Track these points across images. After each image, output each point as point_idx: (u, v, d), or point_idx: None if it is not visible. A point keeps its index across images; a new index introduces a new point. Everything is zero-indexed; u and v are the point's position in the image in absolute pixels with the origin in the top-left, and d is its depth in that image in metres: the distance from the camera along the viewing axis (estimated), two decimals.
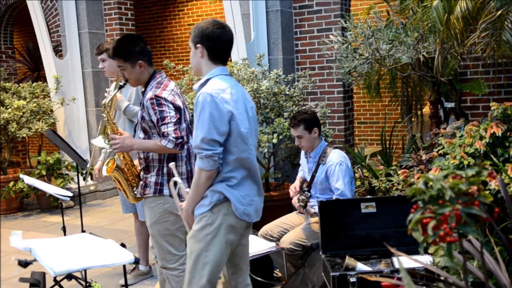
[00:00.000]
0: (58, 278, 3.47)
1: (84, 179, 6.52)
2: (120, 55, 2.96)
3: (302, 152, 3.99)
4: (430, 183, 1.38)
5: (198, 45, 2.51)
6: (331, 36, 4.43)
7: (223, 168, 2.48)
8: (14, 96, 6.78)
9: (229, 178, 2.49)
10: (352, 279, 3.01)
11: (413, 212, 1.35)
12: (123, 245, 3.06)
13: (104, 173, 3.16)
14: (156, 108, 2.85)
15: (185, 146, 2.95)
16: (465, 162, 3.27)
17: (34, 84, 7.04)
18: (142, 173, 3.05)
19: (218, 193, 2.48)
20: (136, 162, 3.19)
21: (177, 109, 2.92)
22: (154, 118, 2.87)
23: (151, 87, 2.96)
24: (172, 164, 2.83)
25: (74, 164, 5.70)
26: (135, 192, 3.14)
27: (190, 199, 2.54)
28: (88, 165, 4.37)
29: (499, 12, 3.46)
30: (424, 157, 3.86)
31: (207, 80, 2.51)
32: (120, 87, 3.12)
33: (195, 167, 2.49)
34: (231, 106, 2.44)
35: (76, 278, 3.64)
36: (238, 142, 2.47)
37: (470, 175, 1.36)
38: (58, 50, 7.46)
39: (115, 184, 3.23)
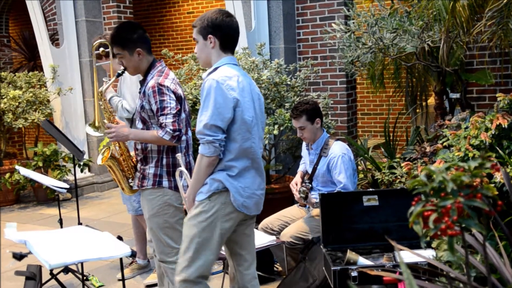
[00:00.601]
0: (55, 271, 3.42)
1: (82, 170, 6.45)
2: (118, 42, 2.90)
3: (304, 144, 3.91)
4: (433, 175, 1.33)
5: (210, 36, 2.50)
6: (333, 24, 4.33)
7: (225, 155, 2.47)
8: (10, 85, 6.68)
9: (230, 167, 2.47)
10: (353, 274, 2.96)
11: (414, 204, 1.32)
12: (120, 238, 3.01)
13: (99, 162, 3.10)
14: (158, 97, 2.79)
15: (183, 138, 2.89)
16: (470, 154, 3.20)
17: (30, 73, 6.94)
18: (139, 164, 2.98)
19: (218, 182, 2.47)
20: (132, 153, 3.12)
21: (178, 98, 2.86)
22: (154, 107, 2.80)
23: (151, 75, 2.90)
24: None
25: (71, 155, 5.63)
26: (131, 184, 3.07)
27: (191, 186, 2.54)
28: (84, 156, 4.30)
29: (506, 0, 3.36)
30: (428, 149, 3.78)
31: (216, 68, 2.51)
32: (119, 75, 3.05)
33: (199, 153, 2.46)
34: (236, 93, 2.43)
35: (73, 272, 3.59)
36: (242, 130, 2.46)
37: (473, 167, 1.33)
38: (54, 39, 7.35)
39: (111, 175, 3.16)
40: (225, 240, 2.57)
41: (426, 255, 2.69)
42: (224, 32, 2.51)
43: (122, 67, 2.98)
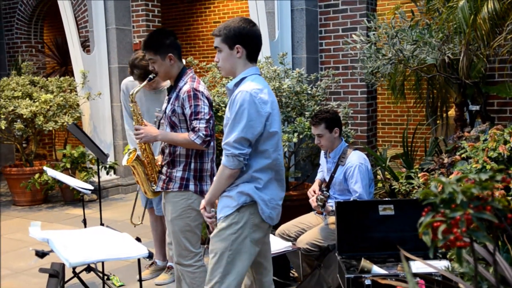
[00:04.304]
0: (77, 270, 3.54)
1: (108, 173, 6.61)
2: (151, 47, 2.97)
3: (322, 152, 3.96)
4: (443, 186, 1.36)
5: (238, 46, 2.45)
6: (354, 35, 4.38)
7: (251, 167, 2.45)
8: (42, 90, 6.92)
9: (256, 179, 2.46)
10: (367, 282, 2.97)
11: (424, 215, 1.34)
12: (138, 239, 3.10)
13: (124, 162, 3.19)
14: (193, 101, 2.85)
15: (211, 144, 2.95)
16: (488, 167, 3.20)
17: (62, 78, 7.18)
18: (165, 168, 3.04)
19: (246, 195, 2.45)
20: (157, 157, 3.20)
21: (210, 105, 2.94)
22: (188, 111, 2.87)
23: (183, 81, 2.96)
24: None
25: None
26: (153, 187, 3.16)
27: (210, 192, 2.54)
28: (110, 159, 4.44)
29: None
30: (446, 160, 3.79)
31: (243, 78, 2.47)
32: (150, 80, 3.14)
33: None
34: (268, 106, 2.42)
35: (95, 271, 3.70)
36: (270, 143, 2.46)
37: (483, 179, 1.34)
38: (85, 45, 7.58)
39: (134, 177, 3.26)
40: (256, 252, 2.54)
41: (440, 265, 2.70)
42: (252, 42, 2.48)
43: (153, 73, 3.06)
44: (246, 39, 2.45)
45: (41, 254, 2.68)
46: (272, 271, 2.77)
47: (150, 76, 3.10)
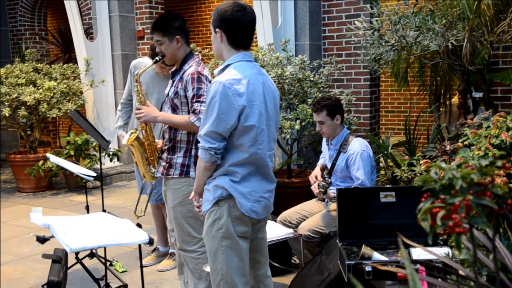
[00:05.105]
0: (80, 256, 3.57)
1: (111, 160, 6.64)
2: (159, 28, 2.97)
3: (324, 139, 3.96)
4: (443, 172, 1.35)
5: (217, 29, 2.39)
6: (356, 22, 4.35)
7: (226, 160, 2.39)
8: (46, 77, 6.94)
9: (233, 173, 2.39)
10: (368, 268, 2.98)
11: (423, 201, 1.33)
12: (139, 225, 3.11)
13: (124, 142, 3.19)
14: (196, 84, 2.86)
15: None
16: (490, 154, 3.19)
17: (65, 65, 7.19)
18: (165, 154, 3.05)
19: (221, 189, 2.39)
20: (158, 141, 3.20)
21: None
22: (190, 94, 2.88)
23: (189, 65, 2.97)
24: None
25: None
26: (152, 171, 3.16)
27: (195, 182, 2.53)
28: (112, 146, 4.45)
29: None
30: (448, 147, 3.77)
31: (227, 66, 2.39)
32: (156, 62, 3.14)
33: None
34: (243, 99, 2.30)
35: (98, 257, 3.74)
36: (247, 137, 2.35)
37: (483, 165, 1.33)
38: (89, 33, 7.57)
39: (133, 158, 3.25)
40: (248, 243, 2.50)
41: (441, 252, 2.71)
42: (232, 27, 2.36)
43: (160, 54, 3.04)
44: (225, 23, 2.37)
45: (42, 240, 2.71)
46: (267, 263, 2.73)
47: (156, 58, 3.10)
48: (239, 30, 2.38)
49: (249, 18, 2.40)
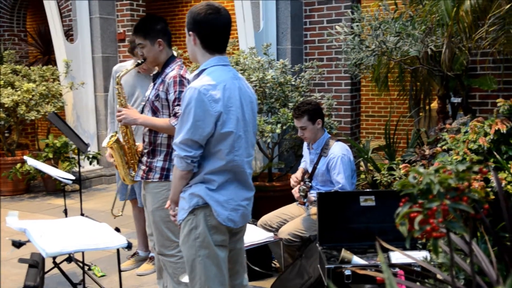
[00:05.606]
0: (58, 260, 3.52)
1: (91, 163, 6.57)
2: (141, 31, 2.95)
3: (305, 143, 3.97)
4: (420, 177, 1.36)
5: (191, 32, 2.32)
6: (337, 27, 4.38)
7: (203, 168, 2.32)
8: (24, 79, 6.84)
9: (209, 181, 2.32)
10: (347, 272, 2.99)
11: (401, 205, 1.34)
12: (117, 229, 3.08)
13: (104, 144, 3.16)
14: (178, 87, 2.84)
15: None
16: (468, 159, 3.23)
17: (44, 67, 7.10)
18: (145, 157, 3.03)
19: (197, 197, 2.32)
20: (138, 144, 3.18)
21: None
22: (172, 97, 2.86)
23: (171, 68, 2.95)
24: None
25: None
26: (132, 174, 3.14)
27: (171, 191, 2.46)
28: (92, 149, 4.41)
29: (508, 6, 3.38)
30: (427, 152, 3.82)
31: (202, 70, 2.32)
32: (138, 64, 3.12)
33: None
34: (220, 105, 2.24)
35: (76, 261, 3.68)
36: (224, 144, 2.29)
37: (461, 170, 1.34)
38: (69, 35, 7.49)
39: (113, 161, 3.22)
40: (227, 252, 2.44)
41: (420, 256, 2.73)
42: (205, 30, 2.29)
43: (142, 57, 3.04)
44: (198, 26, 2.29)
45: (17, 244, 2.66)
46: (245, 272, 2.67)
47: (138, 61, 3.08)
48: (212, 33, 2.31)
49: (223, 21, 2.32)
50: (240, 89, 2.36)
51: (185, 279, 2.84)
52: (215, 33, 2.31)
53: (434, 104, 5.40)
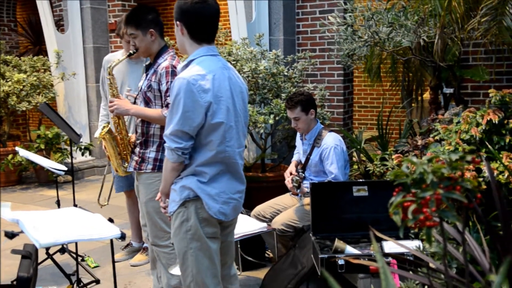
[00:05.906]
0: (51, 251, 3.51)
1: (83, 154, 6.54)
2: (132, 22, 2.93)
3: (298, 134, 3.98)
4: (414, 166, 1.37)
5: (178, 22, 2.30)
6: (330, 17, 4.37)
7: (194, 160, 2.30)
8: (15, 69, 6.78)
9: (200, 173, 2.30)
10: (340, 262, 3.01)
11: (395, 195, 1.35)
12: (110, 220, 3.07)
13: (96, 135, 3.15)
14: (170, 77, 2.83)
15: None
16: (460, 149, 3.25)
17: (35, 58, 7.04)
18: (138, 148, 3.02)
19: (188, 190, 2.31)
20: (131, 135, 3.17)
21: None
22: (164, 87, 2.85)
23: (163, 58, 2.94)
24: None
25: None
26: (125, 165, 3.13)
27: (162, 183, 2.44)
28: (84, 140, 4.39)
29: None
30: (420, 142, 3.84)
31: (191, 61, 2.30)
32: (130, 55, 3.10)
33: None
34: (209, 95, 2.21)
35: (69, 252, 3.68)
36: (215, 135, 2.26)
37: (454, 159, 1.36)
38: (60, 25, 7.43)
39: (106, 152, 3.21)
40: (219, 243, 2.43)
41: (413, 245, 2.75)
42: (191, 20, 2.27)
43: (134, 48, 3.01)
44: (185, 16, 2.27)
45: (10, 235, 2.65)
46: (233, 263, 2.69)
47: (130, 51, 3.06)
48: (199, 23, 2.28)
49: (210, 10, 2.29)
50: (230, 79, 2.34)
51: (175, 271, 2.85)
52: (202, 22, 2.29)
53: (427, 95, 5.42)
